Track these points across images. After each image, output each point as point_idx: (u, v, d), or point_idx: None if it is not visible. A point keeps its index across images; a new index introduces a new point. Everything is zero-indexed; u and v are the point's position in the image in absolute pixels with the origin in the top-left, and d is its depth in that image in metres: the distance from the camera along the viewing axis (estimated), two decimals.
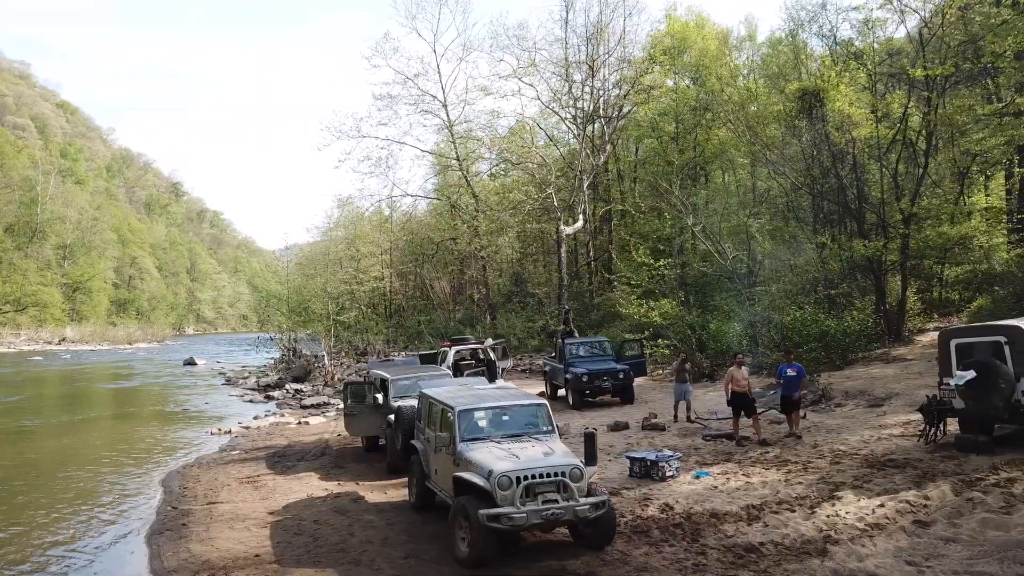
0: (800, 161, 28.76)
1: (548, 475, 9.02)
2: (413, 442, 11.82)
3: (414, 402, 14.39)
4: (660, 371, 26.02)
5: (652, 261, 25.99)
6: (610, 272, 44.33)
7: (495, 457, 9.32)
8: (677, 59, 37.76)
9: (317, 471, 14.98)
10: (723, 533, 9.57)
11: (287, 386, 31.80)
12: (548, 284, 51.10)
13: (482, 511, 8.69)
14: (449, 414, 10.32)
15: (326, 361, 33.71)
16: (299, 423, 22.19)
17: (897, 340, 24.81)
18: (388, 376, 15.57)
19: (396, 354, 38.21)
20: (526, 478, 8.91)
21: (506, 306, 48.41)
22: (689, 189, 35.76)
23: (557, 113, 39.17)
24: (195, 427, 23.22)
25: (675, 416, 16.77)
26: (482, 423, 10.18)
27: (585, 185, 38.28)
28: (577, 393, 20.16)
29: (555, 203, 36.00)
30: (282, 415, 23.98)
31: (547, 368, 23.20)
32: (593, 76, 35.69)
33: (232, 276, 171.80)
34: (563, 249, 36.00)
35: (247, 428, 21.79)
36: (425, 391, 11.68)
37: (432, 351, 25.16)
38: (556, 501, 8.91)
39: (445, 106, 45.28)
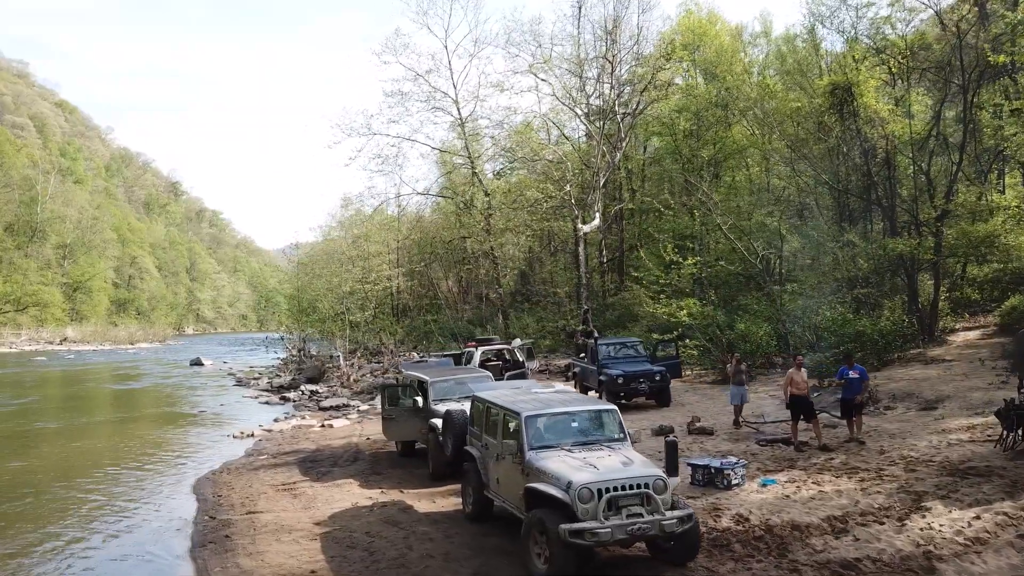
0: (825, 158, 28.22)
1: (631, 487, 8.42)
2: (467, 448, 11.21)
3: (457, 405, 13.95)
4: (689, 372, 25.39)
5: (680, 259, 25.35)
6: (622, 272, 43.73)
7: (571, 467, 8.71)
8: (695, 54, 37.12)
9: (355, 478, 14.36)
10: (811, 548, 8.98)
11: (302, 387, 31.20)
12: (562, 283, 50.53)
13: (563, 526, 8.08)
14: (514, 420, 9.73)
15: (342, 362, 33.04)
16: (322, 426, 21.56)
17: (930, 340, 24.27)
18: (427, 378, 14.96)
19: (414, 354, 37.57)
20: (608, 490, 8.31)
21: (516, 306, 47.83)
22: (708, 186, 35.15)
23: (573, 109, 38.52)
24: (214, 429, 22.64)
25: (736, 420, 16.12)
26: (551, 430, 9.58)
27: (601, 182, 37.66)
28: (612, 396, 19.51)
29: (572, 201, 35.36)
30: (303, 417, 23.37)
31: (576, 369, 22.56)
32: (613, 71, 35.04)
33: (231, 276, 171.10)
34: (581, 247, 35.31)
35: (269, 431, 21.17)
36: (481, 395, 11.07)
37: (457, 352, 24.53)
38: (640, 515, 8.30)
39: (456, 103, 44.54)
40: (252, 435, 20.59)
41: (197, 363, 51.01)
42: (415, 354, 37.16)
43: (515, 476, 9.48)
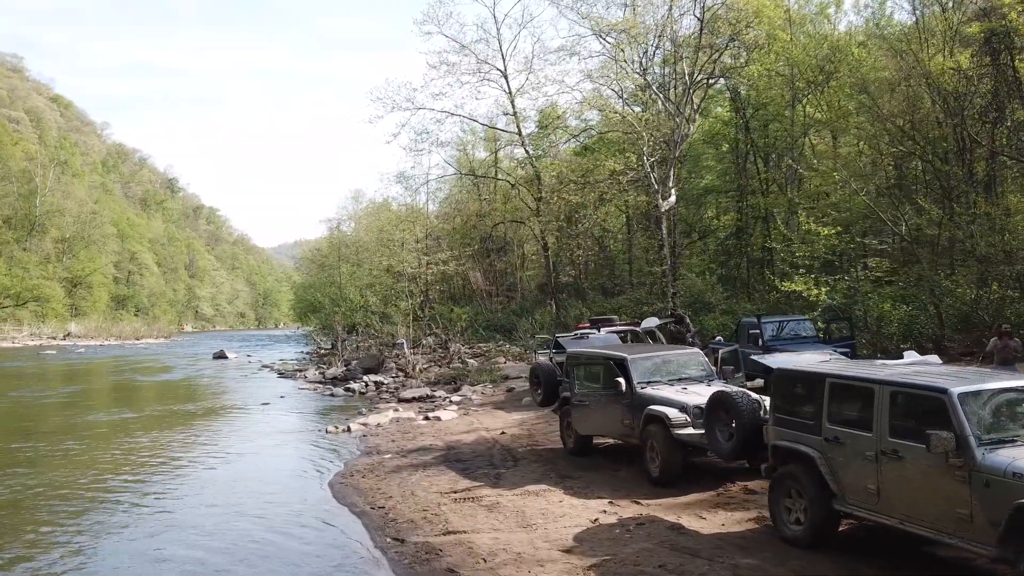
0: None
1: None
2: (782, 444, 7.88)
3: (672, 389, 10.83)
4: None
5: (823, 230, 22.05)
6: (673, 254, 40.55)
7: None
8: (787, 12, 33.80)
9: (545, 482, 11.01)
10: None
11: (363, 378, 27.82)
12: (598, 269, 47.38)
13: None
14: (924, 402, 6.47)
15: (406, 350, 29.66)
16: (426, 419, 18.27)
17: None
18: (627, 356, 11.63)
19: (455, 344, 34.30)
20: None
21: (543, 298, 45.02)
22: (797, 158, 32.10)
23: (643, 78, 35.18)
24: (293, 423, 19.48)
25: None
26: (1000, 417, 6.32)
27: (676, 153, 34.35)
28: None
29: (653, 175, 32.04)
30: (396, 410, 19.98)
31: (721, 354, 19.16)
32: (702, 30, 31.63)
33: (230, 273, 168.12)
34: (664, 226, 31.99)
35: (365, 425, 17.83)
36: (816, 368, 7.80)
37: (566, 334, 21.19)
38: None
39: (506, 75, 41.36)
40: (348, 430, 17.27)
41: (221, 356, 47.53)
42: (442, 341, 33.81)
43: (942, 485, 6.22)
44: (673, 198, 34.20)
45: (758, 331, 17.87)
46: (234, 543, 9.23)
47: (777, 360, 9.98)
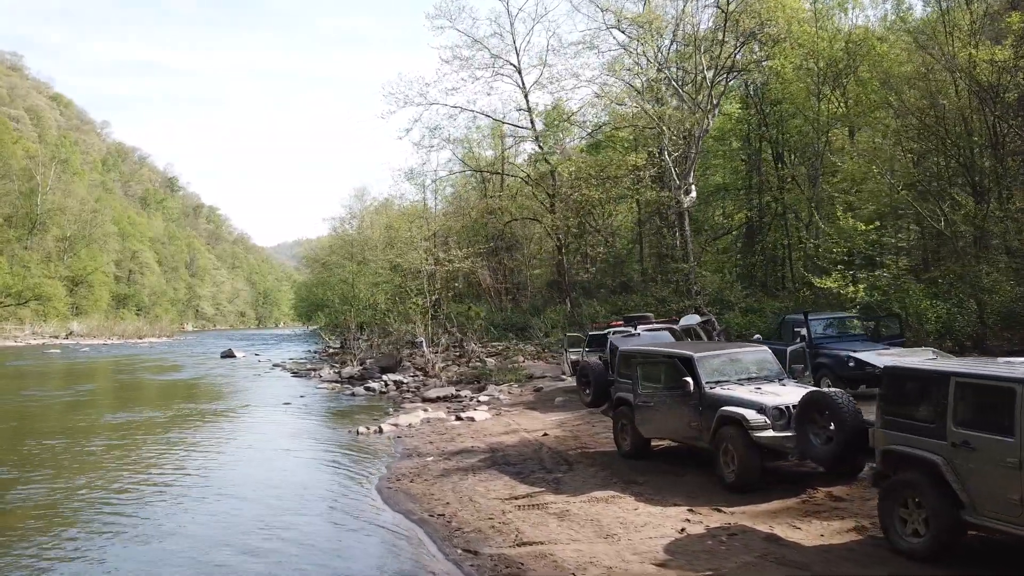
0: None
1: None
2: (898, 448, 7.26)
3: (745, 389, 10.23)
4: None
5: (863, 226, 21.36)
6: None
7: None
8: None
9: (610, 488, 10.38)
10: None
11: (383, 377, 27.18)
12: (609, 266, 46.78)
13: None
14: None
15: (425, 348, 28.99)
16: (458, 419, 17.68)
17: None
18: (693, 354, 11.00)
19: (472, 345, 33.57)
20: None
21: (552, 296, 44.46)
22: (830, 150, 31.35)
23: (665, 71, 34.53)
24: (321, 424, 18.93)
25: None
26: None
27: (696, 150, 33.70)
28: (843, 383, 15.49)
29: (673, 170, 31.38)
30: (426, 410, 19.36)
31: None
32: (725, 26, 30.95)
33: (230, 272, 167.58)
34: (687, 223, 31.32)
35: (396, 426, 17.25)
36: (939, 367, 7.16)
37: (599, 332, 20.52)
38: None
39: (519, 71, 40.75)
40: (380, 431, 16.69)
41: (229, 355, 46.88)
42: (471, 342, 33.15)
43: None
44: (694, 194, 33.59)
45: (803, 329, 17.20)
46: (297, 553, 8.61)
47: (885, 358, 9.38)
